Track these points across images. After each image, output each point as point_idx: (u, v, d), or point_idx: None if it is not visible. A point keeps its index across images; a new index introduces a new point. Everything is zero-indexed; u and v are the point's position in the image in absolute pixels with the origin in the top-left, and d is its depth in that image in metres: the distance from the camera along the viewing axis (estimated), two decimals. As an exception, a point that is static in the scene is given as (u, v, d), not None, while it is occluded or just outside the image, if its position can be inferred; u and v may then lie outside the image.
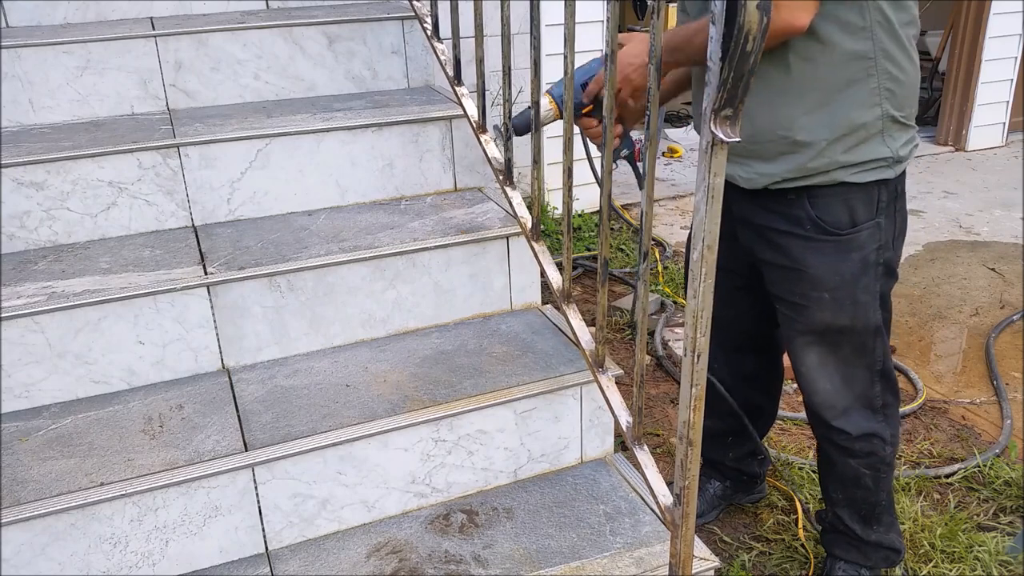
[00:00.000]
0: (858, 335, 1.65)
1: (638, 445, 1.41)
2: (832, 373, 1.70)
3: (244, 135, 2.00)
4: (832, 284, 1.60)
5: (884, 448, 1.75)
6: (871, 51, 1.46)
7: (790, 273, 1.63)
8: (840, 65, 1.46)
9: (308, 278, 1.84)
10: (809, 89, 1.48)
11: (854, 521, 1.84)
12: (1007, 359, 2.96)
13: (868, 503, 1.82)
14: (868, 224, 1.57)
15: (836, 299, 1.61)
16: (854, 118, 1.49)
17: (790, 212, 1.58)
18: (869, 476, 1.78)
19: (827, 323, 1.64)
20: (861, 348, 1.67)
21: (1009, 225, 4.22)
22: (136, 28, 2.22)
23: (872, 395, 1.72)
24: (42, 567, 1.46)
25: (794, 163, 1.53)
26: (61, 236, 1.93)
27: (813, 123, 1.49)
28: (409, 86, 2.43)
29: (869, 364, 1.69)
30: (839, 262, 1.58)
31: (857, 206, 1.56)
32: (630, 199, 4.45)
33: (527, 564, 1.57)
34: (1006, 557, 2.02)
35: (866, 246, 1.58)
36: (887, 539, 1.87)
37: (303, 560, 1.59)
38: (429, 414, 1.66)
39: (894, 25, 1.47)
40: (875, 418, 1.74)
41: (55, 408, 1.71)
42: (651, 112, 1.17)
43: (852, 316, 1.62)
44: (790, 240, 1.60)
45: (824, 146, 1.50)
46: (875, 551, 1.87)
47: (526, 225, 1.74)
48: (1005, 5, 5.07)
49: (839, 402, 1.72)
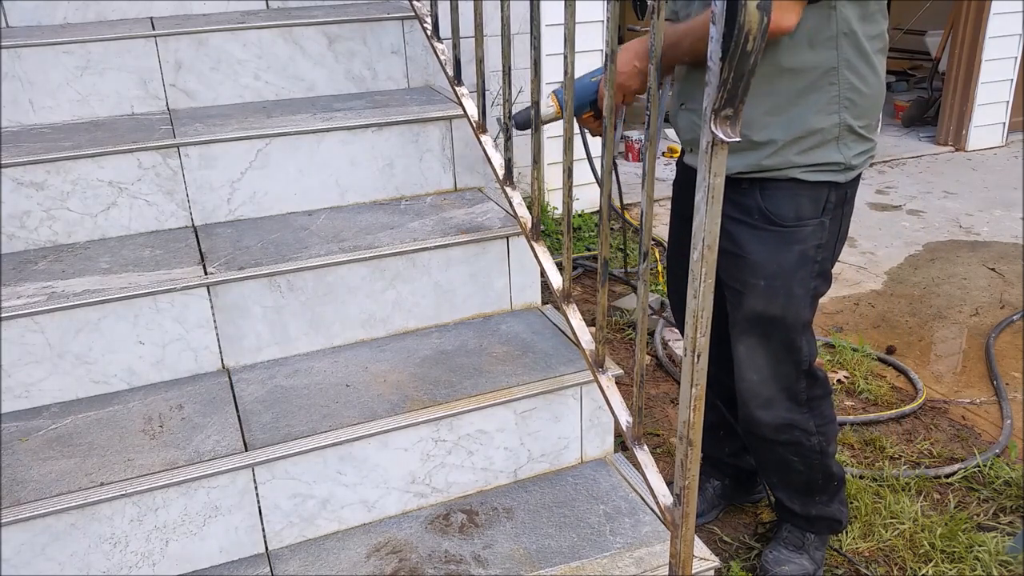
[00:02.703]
0: (788, 329, 1.70)
1: (638, 445, 1.41)
2: (760, 364, 1.75)
3: (244, 135, 2.00)
4: (770, 272, 1.65)
5: (808, 438, 1.80)
6: (834, 60, 1.51)
7: (733, 259, 1.68)
8: (803, 72, 1.51)
9: (308, 278, 1.84)
10: (771, 92, 1.53)
11: (792, 501, 1.93)
12: (1007, 359, 2.96)
13: (802, 483, 1.89)
14: (812, 221, 1.63)
15: (772, 287, 1.66)
16: (812, 123, 1.55)
17: (742, 201, 1.64)
18: (798, 461, 1.84)
19: (760, 311, 1.69)
20: (789, 344, 1.72)
21: (1009, 225, 4.22)
22: (136, 28, 2.22)
23: (797, 389, 1.77)
24: (42, 567, 1.46)
25: (751, 159, 1.58)
26: (61, 236, 1.93)
27: (772, 124, 1.55)
28: (409, 86, 2.43)
29: (796, 361, 1.74)
30: (779, 252, 1.64)
31: (804, 203, 1.61)
32: (630, 199, 4.45)
33: (527, 564, 1.57)
34: (1006, 557, 2.02)
35: (807, 241, 1.64)
36: (827, 511, 1.94)
37: (303, 560, 1.59)
38: (429, 414, 1.66)
39: (859, 38, 1.51)
40: (799, 409, 1.78)
41: (55, 408, 1.71)
42: (651, 112, 1.17)
43: (784, 307, 1.68)
44: (738, 227, 1.66)
45: (780, 146, 1.56)
46: (818, 520, 1.95)
47: (526, 225, 1.74)
48: (1005, 5, 5.07)
49: (764, 392, 1.77)
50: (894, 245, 4.00)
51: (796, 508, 1.93)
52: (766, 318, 1.70)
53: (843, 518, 1.98)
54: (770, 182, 1.61)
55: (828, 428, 1.83)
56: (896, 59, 7.32)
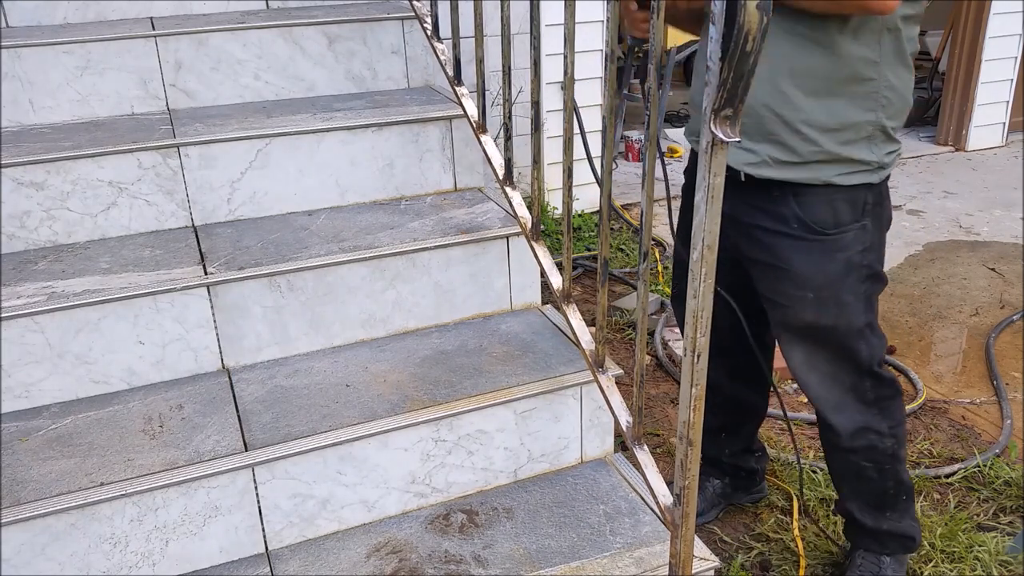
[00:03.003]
0: (842, 335, 1.67)
1: (638, 445, 1.41)
2: (820, 370, 1.72)
3: (244, 135, 2.00)
4: (817, 284, 1.61)
5: (882, 441, 1.76)
6: (877, 55, 1.48)
7: (775, 271, 1.65)
8: (846, 60, 1.48)
9: (308, 278, 1.84)
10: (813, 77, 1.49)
11: (864, 513, 1.86)
12: (1007, 359, 2.96)
13: (875, 494, 1.83)
14: (853, 226, 1.59)
15: (820, 299, 1.63)
16: (849, 116, 1.52)
17: (776, 210, 1.60)
18: (871, 468, 1.79)
19: (810, 322, 1.66)
20: (846, 348, 1.68)
21: (1009, 225, 4.22)
22: (136, 28, 2.22)
23: (863, 389, 1.72)
24: (42, 567, 1.46)
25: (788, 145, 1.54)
26: (61, 236, 1.93)
27: (812, 107, 1.51)
28: (409, 86, 2.43)
29: (856, 363, 1.70)
30: (824, 262, 1.60)
31: (842, 207, 1.58)
32: (630, 199, 4.45)
33: (527, 564, 1.57)
34: (1006, 557, 2.02)
35: (851, 247, 1.60)
36: (899, 527, 1.87)
37: (303, 560, 1.59)
38: (429, 414, 1.66)
39: (902, 36, 1.49)
40: (869, 411, 1.74)
41: (55, 408, 1.71)
42: (651, 112, 1.17)
43: (836, 316, 1.64)
44: (777, 239, 1.62)
45: (818, 134, 1.52)
46: (890, 539, 1.88)
47: (526, 225, 1.74)
48: (1005, 5, 5.07)
49: (831, 396, 1.74)
50: (894, 245, 4.00)
51: (868, 522, 1.86)
52: (818, 328, 1.66)
53: (916, 535, 1.90)
54: (803, 187, 1.56)
55: (899, 430, 1.78)
56: (896, 59, 7.31)
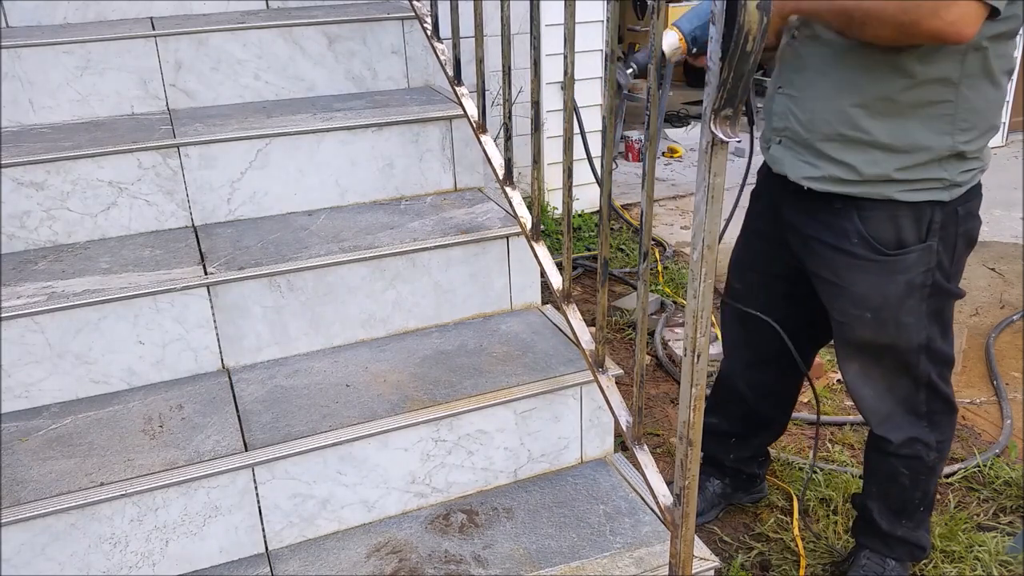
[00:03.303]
0: (901, 353, 1.63)
1: (638, 445, 1.41)
2: (875, 383, 1.70)
3: (244, 135, 2.00)
4: (875, 304, 1.57)
5: (928, 453, 1.73)
6: (957, 74, 1.41)
7: (834, 288, 1.63)
8: (920, 81, 1.42)
9: (308, 278, 1.84)
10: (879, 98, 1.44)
11: (882, 515, 1.85)
12: (1007, 359, 2.96)
13: (901, 500, 1.82)
14: (918, 247, 1.52)
15: (879, 319, 1.58)
16: (919, 139, 1.45)
17: (838, 223, 1.55)
18: (907, 476, 1.77)
19: (867, 340, 1.64)
20: (904, 364, 1.65)
21: (1009, 225, 4.22)
22: (136, 28, 2.22)
23: (916, 402, 1.70)
24: (42, 567, 1.46)
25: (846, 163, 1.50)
26: (61, 236, 1.93)
27: (874, 127, 1.46)
28: (409, 86, 2.43)
29: (914, 377, 1.67)
30: (884, 284, 1.55)
31: (905, 225, 1.51)
32: (630, 199, 4.45)
33: (527, 564, 1.57)
34: (1006, 557, 2.02)
35: (913, 269, 1.54)
36: (913, 536, 1.87)
37: (303, 560, 1.59)
38: (429, 414, 1.66)
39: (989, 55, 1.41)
40: (919, 423, 1.71)
41: (55, 408, 1.71)
42: (651, 112, 1.17)
43: (895, 337, 1.61)
44: (836, 255, 1.58)
45: (880, 155, 1.47)
46: (900, 545, 1.87)
47: (526, 225, 1.74)
48: (1005, 5, 5.06)
49: (882, 408, 1.72)
50: (894, 245, 3.99)
51: (884, 525, 1.85)
52: (876, 346, 1.64)
53: (927, 545, 1.91)
54: (866, 202, 1.51)
55: (946, 446, 1.76)
56: (896, 59, 7.30)
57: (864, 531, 1.92)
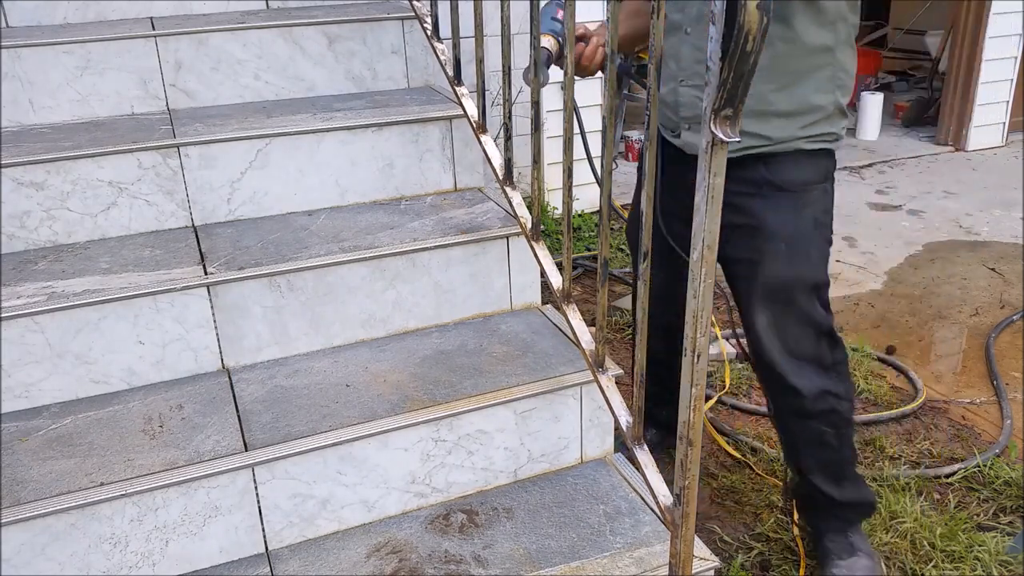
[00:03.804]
0: (810, 291, 1.75)
1: (638, 445, 1.41)
2: (784, 334, 1.78)
3: (244, 135, 2.00)
4: (788, 236, 1.71)
5: (840, 404, 1.83)
6: (833, 41, 1.62)
7: (748, 230, 1.72)
8: (809, 53, 1.61)
9: (308, 278, 1.84)
10: (781, 71, 1.61)
11: (828, 484, 1.90)
12: (1007, 359, 2.96)
13: (835, 462, 1.89)
14: (818, 186, 1.73)
15: (791, 251, 1.72)
16: (812, 100, 1.64)
17: (747, 176, 1.69)
18: (832, 434, 1.85)
19: (781, 275, 1.73)
20: (809, 307, 1.76)
21: (1009, 225, 4.22)
22: (136, 28, 2.22)
23: (821, 353, 1.80)
24: (42, 567, 1.46)
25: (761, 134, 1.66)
26: (61, 236, 1.93)
27: (778, 100, 1.63)
28: (409, 86, 2.43)
29: (816, 324, 1.78)
30: (794, 217, 1.71)
31: (807, 168, 1.71)
32: (630, 199, 4.45)
33: (527, 564, 1.57)
34: (1006, 557, 2.02)
35: (816, 205, 1.73)
36: (859, 494, 1.94)
37: (303, 560, 1.59)
38: (429, 414, 1.66)
39: (848, 24, 1.63)
40: (828, 375, 1.80)
41: (55, 408, 1.71)
42: (651, 112, 1.17)
43: (805, 269, 1.74)
44: (749, 199, 1.70)
45: (785, 122, 1.65)
46: (852, 509, 1.95)
47: (526, 225, 1.74)
48: (1005, 5, 5.07)
49: (792, 358, 1.79)
50: (894, 245, 4.00)
51: (835, 494, 1.90)
52: (788, 283, 1.73)
53: (873, 498, 1.99)
54: (774, 156, 1.68)
55: (852, 394, 1.88)
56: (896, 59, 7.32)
57: (817, 512, 1.97)
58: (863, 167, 5.21)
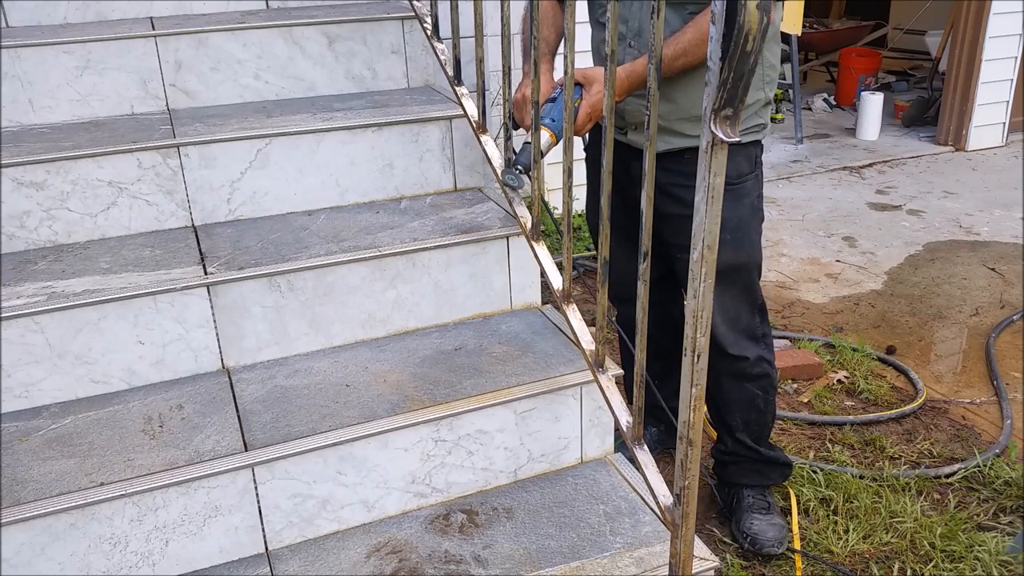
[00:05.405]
0: (748, 273, 1.94)
1: (638, 445, 1.41)
2: (726, 309, 1.94)
3: (244, 135, 2.00)
4: (731, 226, 1.82)
5: (772, 370, 2.05)
6: None
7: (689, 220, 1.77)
8: None
9: (308, 278, 1.84)
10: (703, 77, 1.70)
11: (753, 442, 2.10)
12: (1007, 359, 2.96)
13: (760, 424, 2.10)
14: (750, 176, 1.89)
15: (736, 239, 1.86)
16: None
17: (688, 170, 1.74)
18: (761, 398, 2.05)
19: (727, 262, 1.80)
20: (749, 286, 1.95)
21: (1009, 225, 4.22)
22: (136, 28, 2.22)
23: (754, 326, 2.00)
24: (42, 567, 1.46)
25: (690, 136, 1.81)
26: (61, 236, 1.93)
27: None
28: (409, 86, 2.43)
29: (752, 300, 1.98)
30: (736, 207, 1.84)
31: (741, 162, 1.86)
32: (630, 199, 4.45)
33: (527, 564, 1.57)
34: (1006, 557, 2.02)
35: (751, 193, 1.90)
36: (779, 455, 2.18)
37: (303, 560, 1.59)
38: (429, 414, 1.66)
39: (774, 25, 1.75)
40: (759, 345, 2.01)
41: (55, 408, 1.71)
42: (651, 112, 1.17)
43: (748, 254, 1.92)
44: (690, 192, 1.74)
45: None
46: (772, 468, 2.16)
47: (526, 225, 1.74)
48: (1005, 5, 5.07)
49: (732, 331, 1.97)
50: (894, 245, 4.00)
51: (760, 450, 2.11)
52: (732, 267, 1.88)
53: (790, 461, 2.21)
54: None
55: (774, 362, 2.08)
56: (896, 59, 7.33)
57: (741, 471, 2.15)
58: (863, 167, 5.21)
